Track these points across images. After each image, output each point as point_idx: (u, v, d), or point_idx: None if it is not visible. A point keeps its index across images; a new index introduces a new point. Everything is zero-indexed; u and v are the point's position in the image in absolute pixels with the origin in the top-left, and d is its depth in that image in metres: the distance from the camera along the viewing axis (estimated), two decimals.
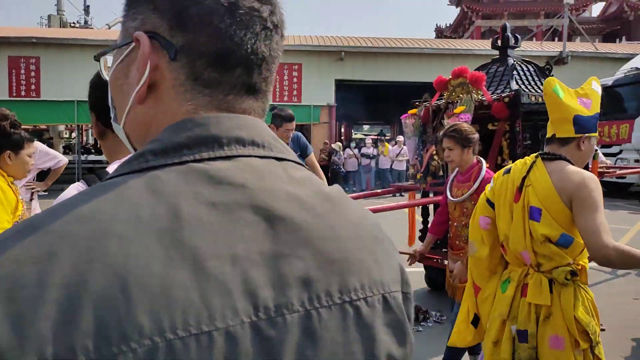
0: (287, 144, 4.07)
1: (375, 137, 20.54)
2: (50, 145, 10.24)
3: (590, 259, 1.82)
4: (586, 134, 1.85)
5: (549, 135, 1.92)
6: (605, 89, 11.43)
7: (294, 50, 16.43)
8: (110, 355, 0.36)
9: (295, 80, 16.54)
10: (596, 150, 4.88)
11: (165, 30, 0.50)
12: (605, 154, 9.43)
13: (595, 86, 1.93)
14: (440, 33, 39.52)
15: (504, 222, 1.91)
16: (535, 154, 1.93)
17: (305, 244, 0.47)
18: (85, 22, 31.15)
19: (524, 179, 1.85)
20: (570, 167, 1.81)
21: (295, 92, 16.55)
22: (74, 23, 29.41)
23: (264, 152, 0.51)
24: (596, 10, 36.96)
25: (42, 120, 15.69)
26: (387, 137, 19.43)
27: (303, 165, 0.54)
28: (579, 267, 1.83)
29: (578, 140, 1.85)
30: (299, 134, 4.30)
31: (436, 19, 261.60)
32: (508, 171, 1.96)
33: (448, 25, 40.11)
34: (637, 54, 14.58)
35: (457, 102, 3.95)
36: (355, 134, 39.26)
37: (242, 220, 0.45)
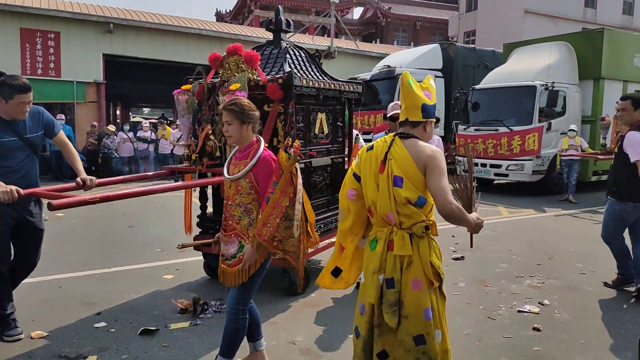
0: (23, 121, 3.31)
1: (156, 120, 19.23)
2: None
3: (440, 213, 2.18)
4: (429, 119, 2.28)
5: (402, 119, 2.29)
6: (365, 82, 12.98)
7: (49, 16, 14.07)
8: None
9: (52, 51, 14.18)
10: (357, 135, 5.36)
11: None
12: (366, 140, 10.65)
13: (432, 82, 2.34)
14: (220, 18, 39.35)
15: (370, 190, 2.24)
16: (392, 134, 2.30)
17: None
18: None
19: (386, 153, 2.20)
20: (421, 142, 2.22)
21: (52, 65, 14.22)
22: None
23: None
24: (357, 14, 41.96)
25: None
26: (169, 121, 18.29)
27: None
28: (430, 223, 2.22)
29: (424, 124, 2.27)
30: (41, 109, 3.50)
31: (216, 3, 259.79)
32: (371, 148, 2.31)
33: (228, 11, 40.19)
34: (388, 54, 16.99)
35: (233, 79, 3.78)
36: (133, 117, 36.29)
37: None
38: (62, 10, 14.28)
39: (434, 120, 2.33)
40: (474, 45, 17.26)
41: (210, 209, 4.84)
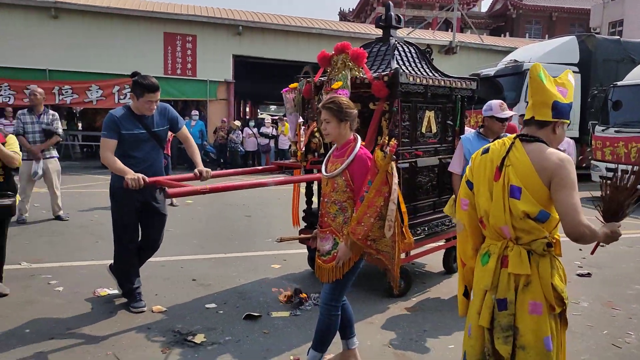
0: (151, 116, 3.70)
1: (277, 117, 20.34)
2: None
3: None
4: (561, 120, 1.96)
5: (527, 117, 2.00)
6: (488, 78, 12.24)
7: (188, 20, 15.51)
8: None
9: (189, 52, 15.63)
10: None
11: None
12: None
13: (570, 78, 2.03)
14: (343, 17, 39.97)
15: (483, 199, 2.00)
16: (513, 135, 2.01)
17: None
18: None
19: (503, 159, 1.93)
20: (548, 148, 1.91)
21: (189, 66, 15.66)
22: None
23: None
24: (485, 6, 39.75)
25: None
26: None
27: None
28: (554, 240, 1.94)
29: (554, 125, 1.96)
30: (167, 105, 3.88)
31: (340, 2, 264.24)
32: (486, 151, 2.04)
33: (351, 10, 40.69)
34: (516, 48, 15.82)
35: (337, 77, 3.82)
36: (261, 113, 38.61)
37: None
38: (199, 15, 15.66)
39: (568, 122, 2.01)
40: (618, 37, 15.32)
41: (315, 204, 4.95)
